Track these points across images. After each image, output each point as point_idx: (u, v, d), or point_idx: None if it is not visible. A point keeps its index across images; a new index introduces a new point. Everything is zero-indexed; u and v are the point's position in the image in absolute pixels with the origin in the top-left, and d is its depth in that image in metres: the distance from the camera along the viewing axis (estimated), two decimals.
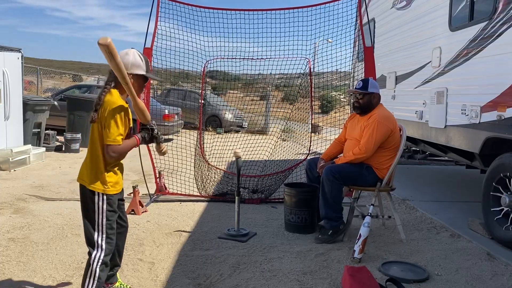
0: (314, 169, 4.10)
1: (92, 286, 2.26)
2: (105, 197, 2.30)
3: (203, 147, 5.61)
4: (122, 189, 2.55)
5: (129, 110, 2.35)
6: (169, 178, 5.53)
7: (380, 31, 7.11)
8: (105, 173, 2.30)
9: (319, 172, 3.94)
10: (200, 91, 5.80)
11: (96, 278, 2.26)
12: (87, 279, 2.27)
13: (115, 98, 2.27)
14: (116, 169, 2.39)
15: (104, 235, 2.31)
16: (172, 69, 5.59)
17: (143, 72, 2.36)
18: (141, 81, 2.40)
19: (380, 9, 7.14)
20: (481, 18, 4.15)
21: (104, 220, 2.30)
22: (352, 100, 4.14)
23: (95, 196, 2.30)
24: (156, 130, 2.41)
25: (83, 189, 2.34)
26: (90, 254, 2.31)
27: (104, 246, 2.31)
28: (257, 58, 5.57)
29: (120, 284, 2.67)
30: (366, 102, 3.87)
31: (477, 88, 4.16)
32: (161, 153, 2.56)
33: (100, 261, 2.28)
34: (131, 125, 2.41)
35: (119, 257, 2.63)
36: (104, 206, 2.30)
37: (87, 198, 2.32)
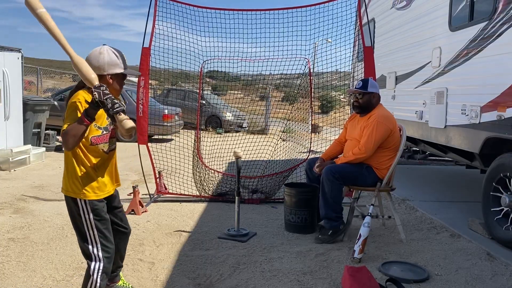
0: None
1: None
2: (88, 206, 2.17)
3: (200, 150, 5.60)
4: (115, 196, 2.42)
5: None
6: (169, 178, 5.53)
7: (380, 31, 7.11)
8: (80, 176, 2.16)
9: (316, 170, 3.94)
10: (198, 91, 5.79)
11: (98, 284, 2.19)
12: (90, 284, 2.19)
13: (74, 96, 2.13)
14: (95, 172, 2.22)
15: (99, 245, 2.20)
16: (171, 69, 5.59)
17: (121, 70, 2.24)
18: (120, 79, 2.27)
19: (380, 9, 7.14)
20: (481, 18, 4.15)
21: (95, 231, 2.18)
22: (352, 100, 4.14)
23: (79, 206, 2.18)
24: (98, 95, 1.97)
25: (66, 199, 2.23)
26: (89, 265, 2.21)
27: (101, 256, 2.20)
28: (255, 59, 5.56)
29: (123, 283, 2.67)
30: (365, 101, 3.87)
31: (477, 88, 4.16)
32: (123, 128, 2.03)
33: (100, 271, 2.19)
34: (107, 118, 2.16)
35: (121, 259, 2.58)
36: (91, 216, 2.17)
37: (72, 209, 2.21)
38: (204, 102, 12.56)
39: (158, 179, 5.27)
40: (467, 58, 4.35)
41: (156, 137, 10.61)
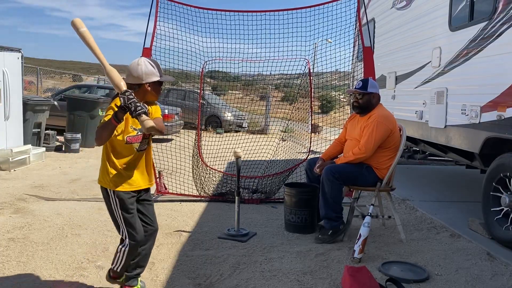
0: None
1: (120, 265, 2.56)
2: (115, 196, 2.45)
3: (201, 149, 5.61)
4: (145, 189, 2.62)
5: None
6: (169, 178, 5.53)
7: (380, 31, 7.11)
8: (110, 170, 2.45)
9: (316, 171, 3.94)
10: (199, 91, 5.80)
11: (123, 261, 2.54)
12: (116, 259, 2.56)
13: (113, 100, 2.42)
14: (123, 168, 2.47)
15: (125, 232, 2.49)
16: (172, 69, 5.59)
17: (157, 78, 2.48)
18: (157, 86, 2.51)
19: (380, 9, 7.14)
20: (481, 18, 4.15)
21: (122, 218, 2.48)
22: (351, 100, 4.14)
23: (109, 195, 2.47)
24: (123, 100, 2.21)
25: (100, 188, 2.53)
26: (120, 243, 2.54)
27: (127, 242, 2.49)
28: (256, 60, 5.56)
29: None
30: (365, 102, 3.87)
31: (477, 88, 4.16)
32: (144, 127, 2.25)
33: (126, 251, 2.51)
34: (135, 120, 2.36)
35: (145, 260, 2.71)
36: (118, 205, 2.46)
37: (104, 197, 2.52)
38: (203, 102, 12.54)
39: (158, 179, 5.27)
40: (467, 58, 4.35)
41: (156, 137, 10.61)
